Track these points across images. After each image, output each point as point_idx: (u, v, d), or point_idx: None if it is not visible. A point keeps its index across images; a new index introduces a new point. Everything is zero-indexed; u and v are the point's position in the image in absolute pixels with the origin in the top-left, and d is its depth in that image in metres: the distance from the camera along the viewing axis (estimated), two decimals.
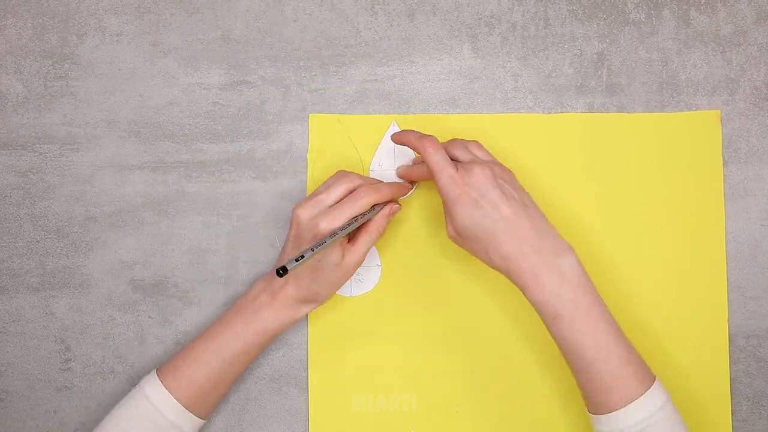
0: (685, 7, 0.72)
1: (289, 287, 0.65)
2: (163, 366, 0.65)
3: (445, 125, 0.72)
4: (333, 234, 0.61)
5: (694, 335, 0.70)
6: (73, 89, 0.73)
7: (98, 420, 0.72)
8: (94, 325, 0.72)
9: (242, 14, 0.73)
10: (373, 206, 0.65)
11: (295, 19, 0.73)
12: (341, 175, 0.66)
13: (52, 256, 0.72)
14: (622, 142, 0.71)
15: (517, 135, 0.71)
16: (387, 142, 0.71)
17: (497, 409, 0.70)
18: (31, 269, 0.72)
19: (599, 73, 0.72)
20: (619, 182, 0.71)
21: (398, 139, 0.66)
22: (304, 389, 0.71)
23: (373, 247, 0.71)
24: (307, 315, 0.71)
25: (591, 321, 0.59)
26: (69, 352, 0.72)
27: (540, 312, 0.61)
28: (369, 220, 0.65)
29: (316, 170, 0.72)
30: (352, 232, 0.64)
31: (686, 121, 0.71)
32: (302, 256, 0.58)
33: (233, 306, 0.67)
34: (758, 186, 0.71)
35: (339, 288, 0.66)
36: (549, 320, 0.60)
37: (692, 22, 0.72)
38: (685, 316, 0.70)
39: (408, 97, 0.72)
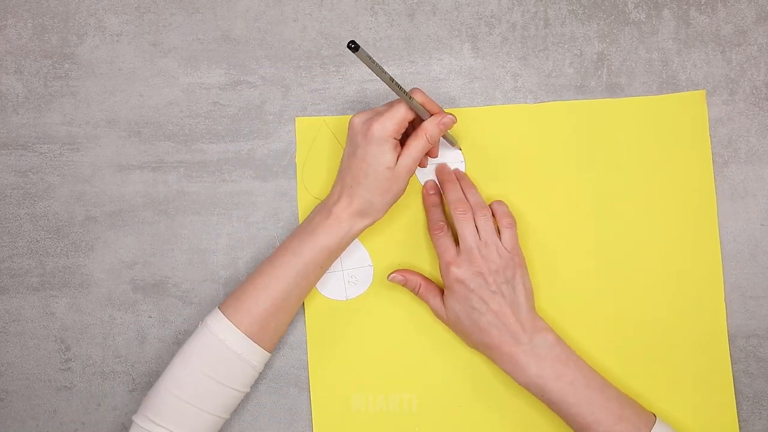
0: (685, 7, 0.72)
1: (342, 200, 0.64)
2: (225, 300, 0.65)
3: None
4: (394, 85, 0.60)
5: (690, 320, 0.70)
6: (73, 89, 0.73)
7: (98, 420, 0.72)
8: (94, 325, 0.72)
9: (242, 14, 0.73)
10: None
11: (295, 19, 0.73)
12: (411, 90, 0.65)
13: (52, 256, 0.72)
14: (611, 127, 0.71)
15: (505, 127, 0.71)
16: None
17: (497, 408, 0.70)
18: (31, 269, 0.72)
19: (599, 73, 0.72)
20: (610, 166, 0.71)
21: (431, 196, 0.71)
22: (304, 389, 0.71)
23: (364, 248, 0.71)
24: (305, 317, 0.71)
25: (577, 391, 0.64)
26: (69, 352, 0.72)
27: (527, 389, 0.65)
28: (418, 126, 0.64)
29: (305, 173, 0.72)
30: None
31: (672, 103, 0.71)
32: (373, 61, 0.57)
33: (292, 233, 0.67)
34: (758, 186, 0.71)
35: (392, 201, 0.65)
36: (538, 396, 0.65)
37: (692, 22, 0.72)
38: (679, 295, 0.70)
39: None
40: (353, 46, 0.55)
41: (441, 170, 0.71)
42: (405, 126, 0.63)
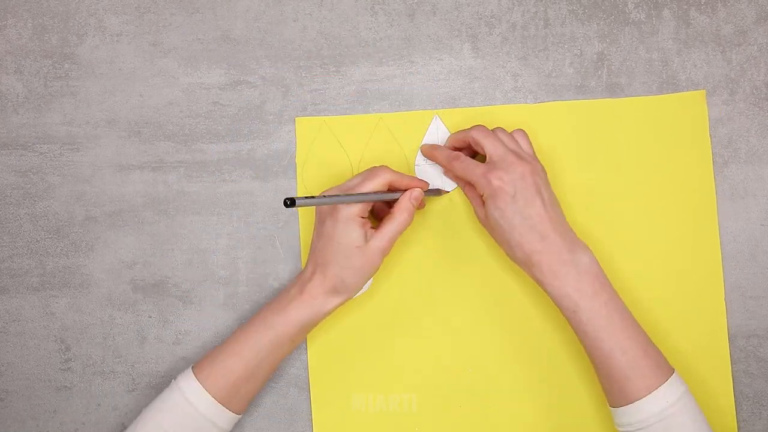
0: (685, 7, 0.72)
1: (315, 277, 0.64)
2: (198, 362, 0.65)
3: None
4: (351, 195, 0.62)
5: (690, 320, 0.70)
6: (73, 89, 0.73)
7: (98, 420, 0.72)
8: (94, 325, 0.72)
9: (242, 14, 0.73)
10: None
11: (295, 19, 0.73)
12: (374, 170, 0.66)
13: (52, 256, 0.72)
14: (611, 127, 0.71)
15: (505, 127, 0.71)
16: (429, 137, 0.71)
17: (497, 408, 0.70)
18: (31, 269, 0.72)
19: (599, 73, 0.72)
20: (610, 166, 0.71)
21: (428, 155, 0.71)
22: (304, 389, 0.71)
23: None
24: None
25: (609, 313, 0.62)
26: (69, 352, 0.72)
27: (559, 305, 0.63)
28: (393, 207, 0.65)
29: (305, 173, 0.72)
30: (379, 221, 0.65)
31: (672, 103, 0.71)
32: (312, 197, 0.59)
33: (269, 301, 0.67)
34: (758, 186, 0.71)
35: (365, 279, 0.65)
36: (569, 313, 0.63)
37: (692, 22, 0.72)
38: (679, 295, 0.70)
39: (408, 97, 0.72)
40: (289, 203, 0.57)
41: (428, 151, 0.71)
42: (370, 206, 0.64)
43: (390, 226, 0.64)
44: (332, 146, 0.72)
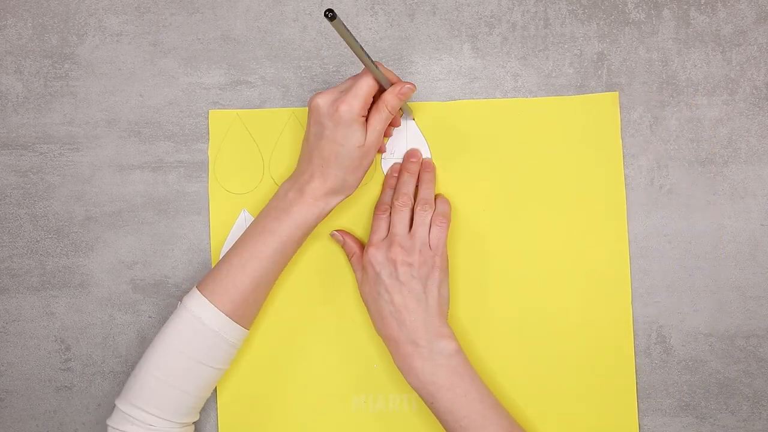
0: (685, 7, 0.72)
1: (315, 180, 0.64)
2: (202, 280, 0.65)
3: None
4: (362, 55, 0.60)
5: (598, 320, 0.70)
6: (73, 89, 0.73)
7: (98, 420, 0.72)
8: (94, 325, 0.72)
9: (242, 14, 0.73)
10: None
11: (295, 19, 0.73)
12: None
13: (52, 256, 0.72)
14: (525, 127, 0.71)
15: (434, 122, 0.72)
16: (399, 129, 0.71)
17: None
18: (31, 269, 0.72)
19: (599, 73, 0.72)
20: (522, 167, 0.71)
21: (384, 187, 0.71)
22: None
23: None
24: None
25: (470, 403, 0.63)
26: (69, 352, 0.72)
27: (418, 394, 0.64)
28: (378, 99, 0.64)
29: (217, 167, 0.72)
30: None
31: (584, 104, 0.71)
32: (348, 31, 0.57)
33: (263, 209, 0.66)
34: (758, 186, 0.71)
35: (363, 176, 0.65)
36: (427, 402, 0.64)
37: (692, 22, 0.72)
38: (589, 301, 0.70)
39: None
40: (330, 15, 0.54)
41: (407, 158, 0.71)
42: (370, 101, 0.63)
43: (378, 118, 0.63)
44: (245, 140, 0.72)
